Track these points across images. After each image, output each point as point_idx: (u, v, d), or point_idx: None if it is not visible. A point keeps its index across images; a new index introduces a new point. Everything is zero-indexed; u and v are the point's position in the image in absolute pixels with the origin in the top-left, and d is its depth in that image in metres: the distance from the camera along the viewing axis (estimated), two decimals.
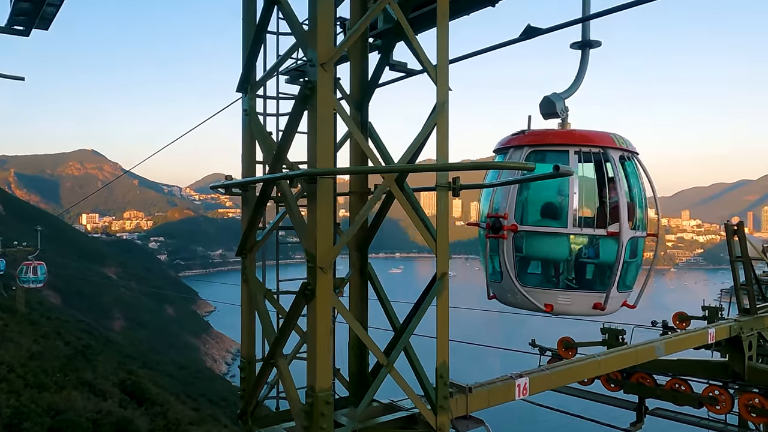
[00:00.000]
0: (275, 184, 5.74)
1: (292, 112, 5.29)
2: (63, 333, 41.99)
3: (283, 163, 5.66)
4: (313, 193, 4.79)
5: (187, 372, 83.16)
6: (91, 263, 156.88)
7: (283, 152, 5.59)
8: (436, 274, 5.93)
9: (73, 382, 19.02)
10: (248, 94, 6.21)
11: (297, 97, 5.07)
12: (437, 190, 5.91)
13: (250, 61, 6.13)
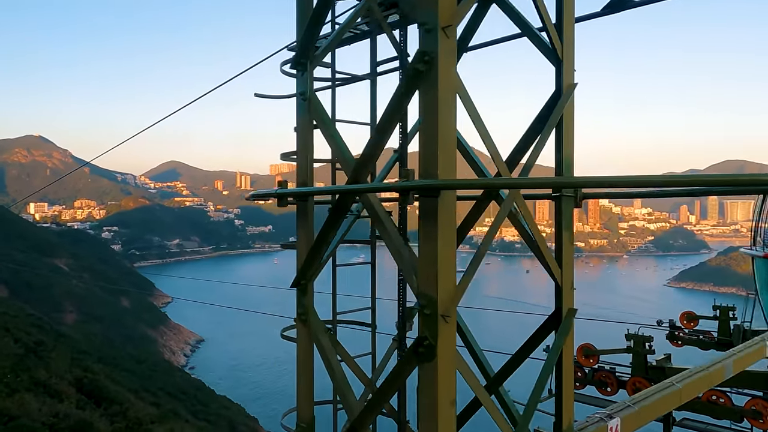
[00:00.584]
0: (359, 196, 4.62)
1: (395, 97, 3.88)
2: (12, 329, 40.03)
3: (368, 168, 4.52)
4: (432, 212, 3.53)
5: (145, 365, 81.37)
6: (40, 254, 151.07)
7: (375, 154, 4.31)
8: (560, 310, 4.53)
9: (25, 383, 17.93)
10: (306, 72, 4.78)
11: (406, 74, 3.70)
12: (562, 201, 4.49)
13: (313, 27, 4.69)
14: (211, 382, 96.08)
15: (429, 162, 3.53)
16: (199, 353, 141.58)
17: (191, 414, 55.70)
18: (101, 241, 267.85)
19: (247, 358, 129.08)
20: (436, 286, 3.52)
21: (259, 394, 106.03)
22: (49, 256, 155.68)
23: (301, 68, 4.85)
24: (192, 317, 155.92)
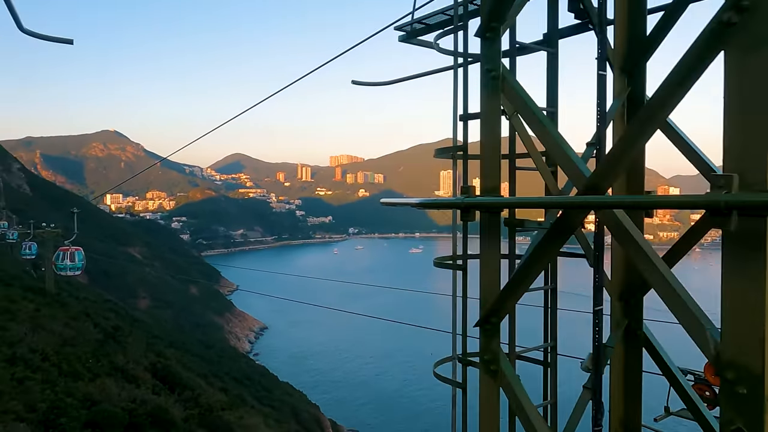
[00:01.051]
0: None
1: (684, 67, 2.61)
2: (92, 314, 42.27)
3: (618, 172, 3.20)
4: (756, 239, 2.38)
5: (212, 351, 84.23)
6: (117, 243, 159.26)
7: (632, 150, 3.00)
8: None
9: (105, 368, 18.79)
10: (497, 41, 3.62)
11: (707, 30, 2.50)
12: None
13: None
14: (274, 368, 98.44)
15: (751, 162, 2.35)
16: (262, 340, 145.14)
17: (256, 399, 57.17)
18: (171, 231, 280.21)
19: (308, 346, 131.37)
20: (764, 353, 2.35)
21: (319, 381, 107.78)
22: (124, 245, 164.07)
23: (491, 35, 3.61)
24: (255, 305, 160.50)
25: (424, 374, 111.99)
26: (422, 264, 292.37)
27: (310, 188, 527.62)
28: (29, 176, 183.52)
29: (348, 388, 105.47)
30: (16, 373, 12.35)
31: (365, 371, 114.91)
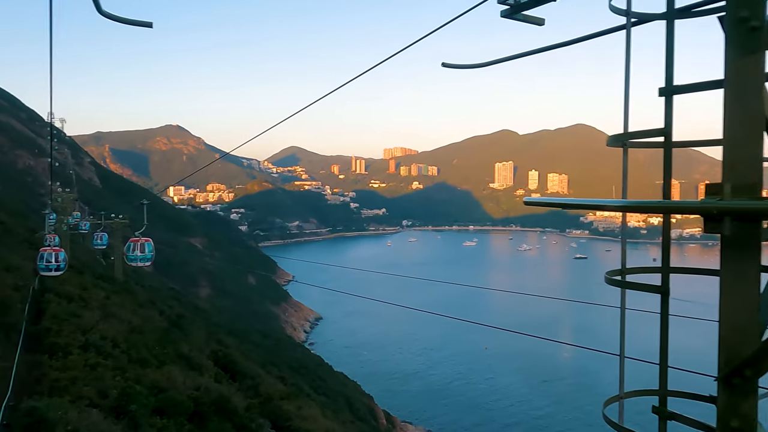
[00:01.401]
0: None
1: None
2: (157, 302, 43.99)
3: None
4: None
5: (269, 340, 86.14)
6: (179, 234, 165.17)
7: None
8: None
9: (171, 355, 19.34)
10: None
11: None
12: None
13: None
14: (329, 358, 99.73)
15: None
16: (317, 330, 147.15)
17: (312, 389, 58.03)
18: (230, 222, 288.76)
19: (362, 337, 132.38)
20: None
21: (373, 372, 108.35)
22: (186, 235, 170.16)
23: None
24: (310, 295, 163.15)
25: (476, 367, 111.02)
26: (476, 257, 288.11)
27: (364, 181, 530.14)
28: (99, 169, 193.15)
29: (401, 379, 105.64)
30: (89, 360, 12.83)
31: (417, 363, 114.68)
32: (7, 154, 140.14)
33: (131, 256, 19.73)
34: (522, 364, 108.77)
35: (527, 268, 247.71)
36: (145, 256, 19.81)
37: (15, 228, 45.87)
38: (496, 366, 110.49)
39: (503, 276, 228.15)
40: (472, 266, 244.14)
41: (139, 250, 19.57)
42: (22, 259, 28.61)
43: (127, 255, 19.74)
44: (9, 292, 16.34)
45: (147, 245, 19.84)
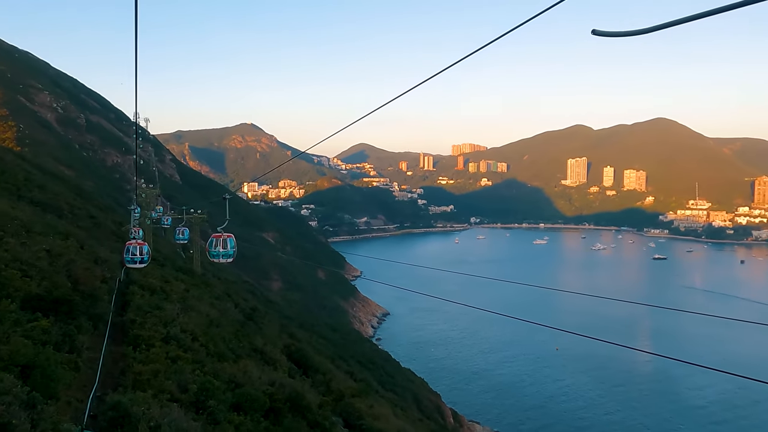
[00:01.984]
0: None
1: None
2: (232, 294, 45.38)
3: None
4: None
5: (338, 335, 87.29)
6: (253, 228, 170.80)
7: None
8: None
9: (246, 349, 19.68)
10: None
11: None
12: None
13: None
14: (396, 354, 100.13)
15: None
16: (384, 325, 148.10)
17: (379, 384, 58.16)
18: (300, 218, 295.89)
19: (428, 334, 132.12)
20: None
21: (440, 368, 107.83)
22: (259, 230, 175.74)
23: None
24: (377, 291, 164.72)
25: (545, 368, 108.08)
26: (546, 256, 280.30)
27: (432, 177, 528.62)
28: (179, 166, 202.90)
29: (467, 377, 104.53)
30: (170, 352, 13.12)
31: (484, 361, 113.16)
32: (98, 152, 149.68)
33: (213, 252, 19.48)
34: (594, 367, 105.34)
35: (601, 269, 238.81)
36: (227, 252, 19.51)
37: (104, 222, 48.69)
38: (566, 367, 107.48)
39: (575, 276, 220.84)
40: (543, 265, 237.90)
41: (222, 245, 19.28)
42: (110, 251, 30.18)
43: (209, 251, 19.54)
44: (98, 284, 17.13)
45: (229, 241, 19.47)
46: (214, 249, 19.63)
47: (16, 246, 15.61)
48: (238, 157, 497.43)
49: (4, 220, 18.75)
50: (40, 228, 21.96)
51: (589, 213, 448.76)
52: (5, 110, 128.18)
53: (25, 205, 30.88)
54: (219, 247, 19.51)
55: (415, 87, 8.63)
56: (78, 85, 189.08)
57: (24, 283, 12.36)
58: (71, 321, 12.19)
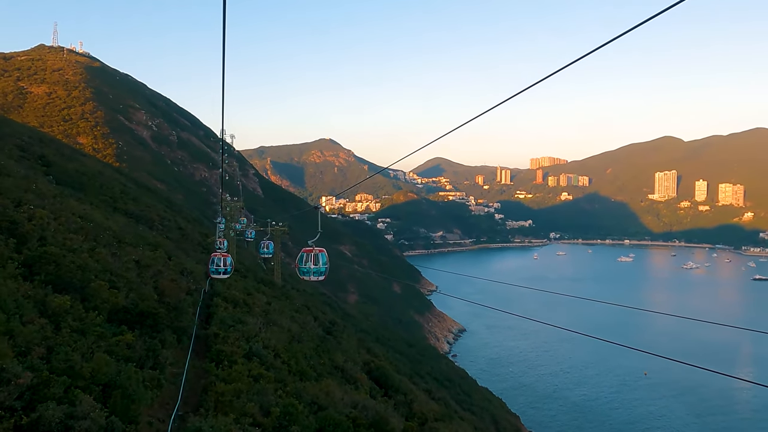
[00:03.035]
0: None
1: None
2: (311, 307, 45.45)
3: None
4: None
5: (414, 350, 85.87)
6: (330, 241, 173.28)
7: None
8: None
9: (327, 367, 19.09)
10: None
11: None
12: None
13: None
14: (472, 371, 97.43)
15: None
16: (460, 342, 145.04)
17: (457, 403, 56.33)
18: (377, 231, 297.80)
19: (506, 352, 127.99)
20: None
21: (517, 387, 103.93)
22: (337, 242, 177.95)
23: None
24: (453, 306, 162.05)
25: (631, 391, 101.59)
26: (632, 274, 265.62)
27: (509, 191, 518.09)
28: (261, 180, 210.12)
29: (546, 397, 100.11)
30: (252, 370, 12.66)
31: (564, 382, 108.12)
32: (187, 167, 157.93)
33: (304, 269, 16.67)
34: (686, 394, 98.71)
35: (694, 289, 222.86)
36: (318, 270, 17.05)
37: (191, 233, 50.48)
38: (655, 392, 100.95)
39: (665, 296, 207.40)
40: (628, 284, 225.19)
41: (312, 261, 16.93)
42: (195, 262, 30.86)
43: (299, 267, 16.95)
44: (183, 296, 17.11)
45: (321, 256, 17.28)
46: (305, 265, 17.55)
47: (107, 256, 15.90)
48: (317, 171, 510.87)
49: (97, 230, 19.40)
50: (131, 239, 22.65)
51: (679, 229, 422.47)
52: (107, 128, 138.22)
53: (120, 216, 32.28)
54: (310, 263, 17.55)
55: (493, 108, 8.45)
56: (171, 104, 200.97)
57: (111, 294, 12.34)
58: (156, 334, 12.00)
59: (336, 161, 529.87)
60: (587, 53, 6.68)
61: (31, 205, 15.86)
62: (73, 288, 11.86)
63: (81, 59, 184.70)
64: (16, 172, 22.35)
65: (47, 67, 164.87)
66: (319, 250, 18.56)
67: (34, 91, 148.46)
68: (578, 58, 6.61)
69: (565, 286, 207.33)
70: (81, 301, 11.39)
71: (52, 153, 41.62)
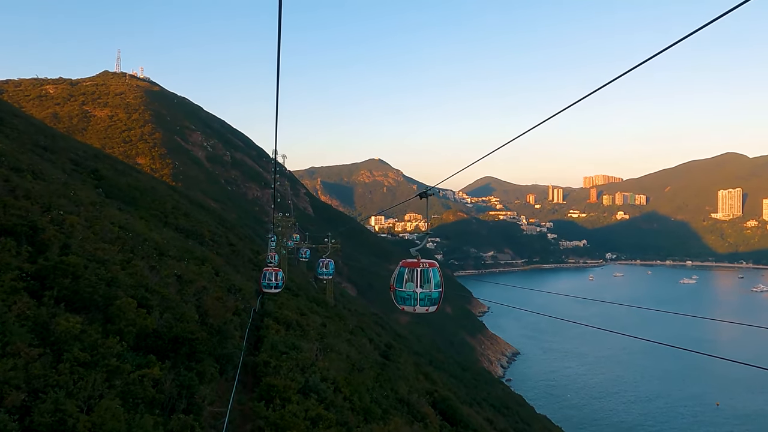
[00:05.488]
0: None
1: None
2: (365, 328, 43.19)
3: None
4: None
5: (468, 374, 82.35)
6: (380, 259, 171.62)
7: None
8: None
9: (391, 400, 16.66)
10: None
11: None
12: None
13: None
14: (529, 397, 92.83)
15: None
16: (515, 366, 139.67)
17: None
18: (426, 251, 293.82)
19: (563, 378, 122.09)
20: None
21: (577, 416, 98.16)
22: (386, 261, 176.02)
23: None
24: (506, 328, 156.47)
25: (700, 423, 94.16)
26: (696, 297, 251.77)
27: (562, 210, 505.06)
28: (312, 199, 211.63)
29: (609, 428, 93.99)
30: (309, 411, 10.34)
31: (628, 411, 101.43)
32: (240, 186, 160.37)
33: (404, 293, 13.05)
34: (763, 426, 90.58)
35: (765, 313, 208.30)
36: (428, 295, 13.54)
37: (243, 250, 49.39)
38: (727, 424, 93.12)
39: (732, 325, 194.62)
40: (692, 307, 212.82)
41: (419, 282, 13.17)
42: (245, 279, 29.16)
43: (396, 291, 13.51)
44: (228, 317, 15.07)
45: (433, 274, 13.03)
46: (405, 288, 11.88)
47: (144, 269, 13.95)
48: (366, 191, 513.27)
49: (136, 241, 17.70)
50: (175, 252, 20.99)
51: (746, 250, 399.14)
52: (164, 149, 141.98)
53: (169, 230, 31.08)
54: (414, 285, 11.82)
55: (543, 122, 8.34)
56: (225, 125, 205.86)
57: (140, 315, 10.09)
58: (193, 365, 9.81)
59: (385, 181, 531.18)
60: (638, 64, 6.55)
61: (61, 211, 14.23)
62: (94, 306, 9.78)
63: (142, 84, 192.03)
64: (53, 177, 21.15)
65: (110, 91, 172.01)
66: (430, 263, 12.54)
67: (98, 114, 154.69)
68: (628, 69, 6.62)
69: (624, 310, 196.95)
70: (102, 324, 9.30)
71: (105, 168, 41.41)
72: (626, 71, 6.72)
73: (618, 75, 6.83)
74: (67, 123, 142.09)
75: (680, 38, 5.61)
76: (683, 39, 5.57)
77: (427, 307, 12.36)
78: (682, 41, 5.63)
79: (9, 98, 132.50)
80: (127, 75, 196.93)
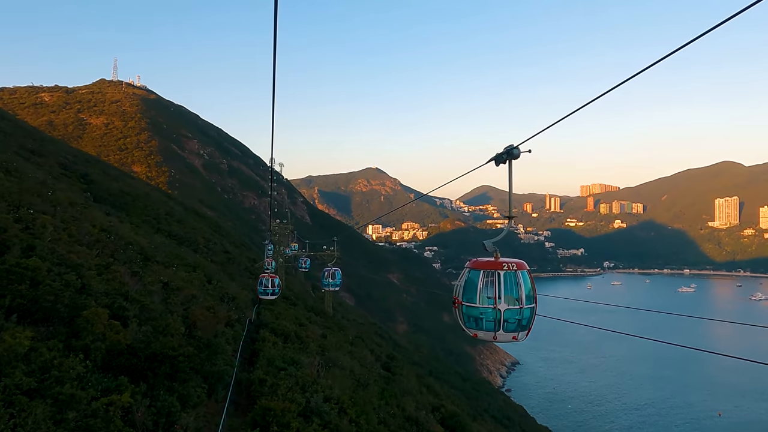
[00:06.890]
0: None
1: None
2: (365, 339, 41.75)
3: None
4: None
5: (469, 384, 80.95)
6: (378, 268, 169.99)
7: None
8: None
9: (399, 419, 15.29)
10: None
11: None
12: None
13: None
14: (529, 407, 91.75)
15: None
16: (514, 375, 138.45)
17: None
18: (424, 259, 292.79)
19: (564, 387, 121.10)
20: None
21: (577, 426, 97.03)
22: (384, 270, 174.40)
23: None
24: None
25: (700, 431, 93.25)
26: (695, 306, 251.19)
27: (559, 219, 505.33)
28: (310, 208, 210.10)
29: None
30: None
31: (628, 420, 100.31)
32: (237, 194, 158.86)
33: (475, 311, 11.27)
34: None
35: (765, 322, 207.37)
36: (519, 314, 11.57)
37: (238, 257, 47.94)
38: None
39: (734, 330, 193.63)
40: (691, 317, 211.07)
41: (500, 290, 10.91)
42: (240, 287, 27.73)
43: (462, 305, 11.58)
44: (220, 329, 13.61)
45: (523, 279, 10.64)
46: (477, 301, 8.16)
47: (124, 275, 12.45)
48: (363, 200, 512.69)
49: (118, 245, 16.15)
50: (164, 257, 19.54)
51: (743, 258, 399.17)
52: (160, 157, 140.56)
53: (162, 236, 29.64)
54: (495, 297, 8.03)
55: (540, 132, 8.15)
56: (222, 133, 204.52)
57: (111, 328, 8.65)
58: (176, 386, 8.35)
59: (382, 190, 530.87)
60: (636, 74, 6.43)
61: (32, 210, 12.77)
62: (57, 317, 8.27)
63: (138, 92, 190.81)
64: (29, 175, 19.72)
65: (106, 99, 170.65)
66: (518, 264, 8.40)
67: (93, 122, 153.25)
68: (626, 79, 6.57)
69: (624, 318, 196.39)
70: (65, 339, 7.82)
71: (96, 172, 39.97)
72: (624, 81, 6.65)
73: (615, 85, 6.74)
74: (62, 131, 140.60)
75: (677, 48, 5.57)
76: (680, 48, 5.53)
77: (515, 333, 8.17)
78: (679, 50, 5.60)
79: (4, 106, 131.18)
80: (123, 83, 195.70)
